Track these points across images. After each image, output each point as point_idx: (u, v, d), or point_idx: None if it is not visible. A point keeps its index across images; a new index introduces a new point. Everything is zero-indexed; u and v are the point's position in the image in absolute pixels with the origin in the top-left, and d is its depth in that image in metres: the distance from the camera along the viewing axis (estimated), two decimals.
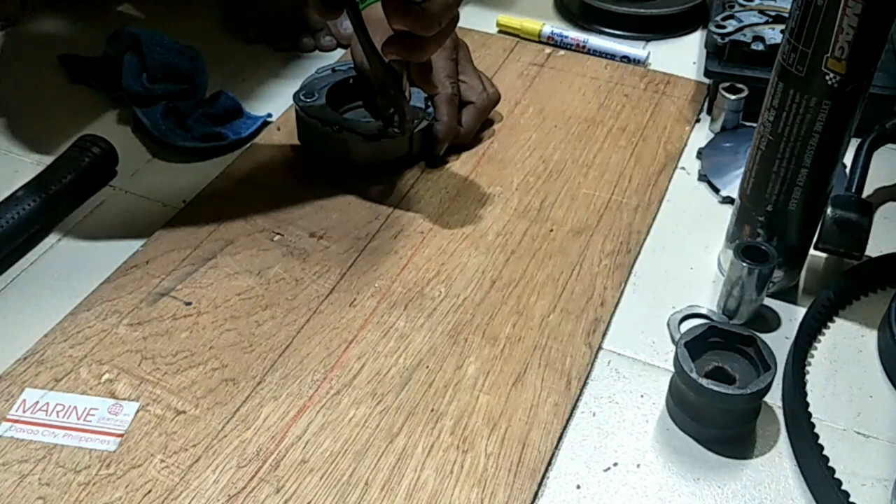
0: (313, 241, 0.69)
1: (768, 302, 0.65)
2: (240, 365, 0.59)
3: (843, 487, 0.52)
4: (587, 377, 0.60)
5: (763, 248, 0.61)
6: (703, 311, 0.64)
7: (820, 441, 0.54)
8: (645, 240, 0.70)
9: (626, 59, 0.91)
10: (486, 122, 0.80)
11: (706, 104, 0.84)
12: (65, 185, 0.71)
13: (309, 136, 0.76)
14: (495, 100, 0.79)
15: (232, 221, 0.71)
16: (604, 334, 0.63)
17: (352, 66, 0.79)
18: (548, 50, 0.92)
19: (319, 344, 0.61)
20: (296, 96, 0.76)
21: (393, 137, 0.73)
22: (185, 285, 0.65)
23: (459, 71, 0.77)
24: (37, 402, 0.57)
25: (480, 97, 0.77)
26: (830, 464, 0.53)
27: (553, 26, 0.94)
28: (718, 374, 0.56)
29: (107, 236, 0.70)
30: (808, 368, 0.61)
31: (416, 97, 0.77)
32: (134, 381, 0.58)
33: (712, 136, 0.81)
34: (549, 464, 0.55)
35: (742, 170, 0.64)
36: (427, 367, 0.60)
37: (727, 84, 0.80)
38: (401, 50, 0.65)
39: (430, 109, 0.76)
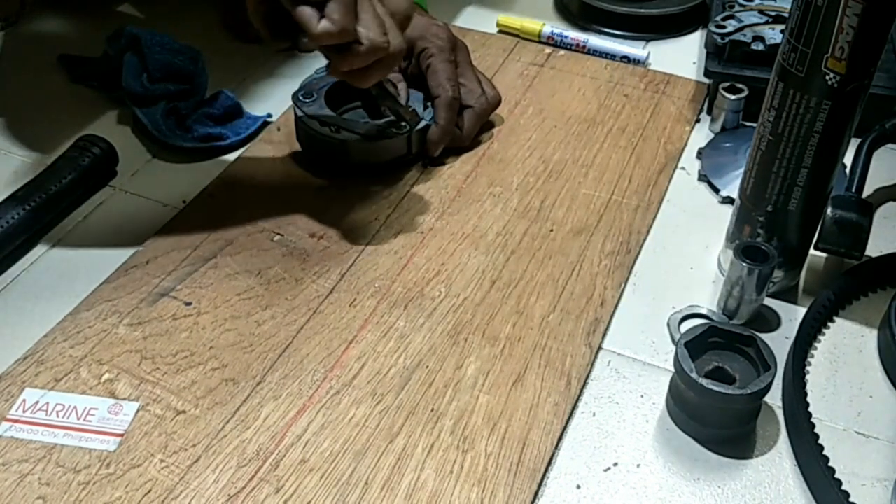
0: (313, 241, 0.69)
1: (768, 302, 0.65)
2: (240, 365, 0.59)
3: (843, 487, 0.52)
4: (587, 377, 0.60)
5: (763, 248, 0.61)
6: (703, 311, 0.64)
7: (820, 441, 0.54)
8: (645, 240, 0.70)
9: (626, 59, 0.91)
10: (485, 123, 0.80)
11: (706, 104, 0.84)
12: (65, 185, 0.71)
13: (308, 138, 0.76)
14: (495, 104, 0.79)
15: (232, 221, 0.71)
16: (604, 334, 0.63)
17: None
18: (548, 50, 0.92)
19: (319, 344, 0.61)
20: (294, 97, 0.76)
21: (392, 138, 0.73)
22: (185, 285, 0.65)
23: (459, 74, 0.77)
24: (37, 402, 0.57)
25: (479, 101, 0.77)
26: (830, 464, 0.53)
27: (553, 26, 0.94)
28: (718, 374, 0.56)
29: (107, 236, 0.70)
30: (808, 368, 0.61)
31: (416, 98, 0.77)
32: (134, 381, 0.58)
33: (712, 136, 0.81)
34: (549, 464, 0.55)
35: (742, 170, 0.64)
36: (427, 367, 0.60)
37: (727, 84, 0.80)
38: (347, 77, 0.64)
39: (430, 111, 0.76)
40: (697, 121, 0.83)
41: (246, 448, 0.54)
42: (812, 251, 0.65)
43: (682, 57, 0.92)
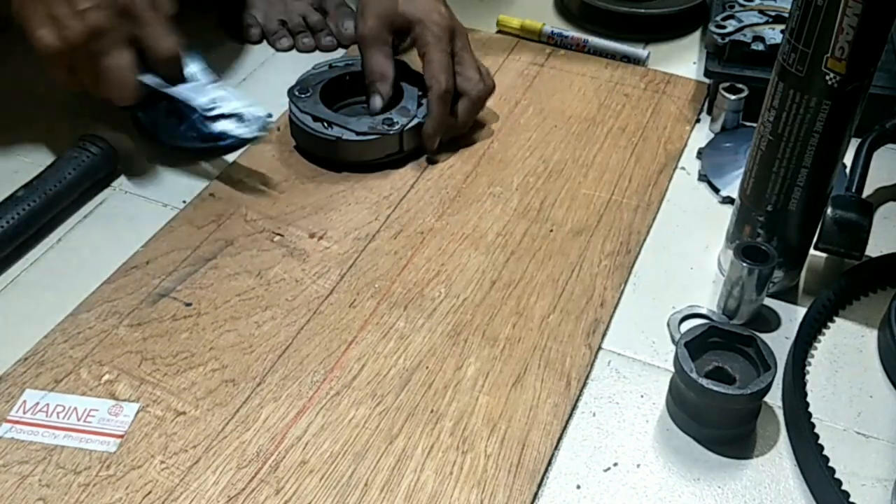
0: (313, 241, 0.69)
1: (768, 302, 0.65)
2: (240, 366, 0.59)
3: (843, 487, 0.52)
4: (587, 377, 0.60)
5: (763, 248, 0.60)
6: (703, 311, 0.64)
7: (820, 441, 0.54)
8: (645, 240, 0.70)
9: (626, 58, 0.91)
10: (485, 122, 0.80)
11: (706, 104, 0.84)
12: (65, 184, 0.71)
13: (300, 134, 0.76)
14: (490, 91, 0.79)
15: (232, 222, 0.71)
16: (604, 334, 0.63)
17: (349, 62, 0.80)
18: (548, 49, 0.92)
19: (319, 345, 0.61)
20: (290, 92, 0.76)
21: (383, 135, 0.74)
22: (185, 286, 0.65)
23: (457, 62, 0.76)
24: (37, 404, 0.57)
25: (476, 87, 0.77)
26: (830, 464, 0.53)
27: (553, 26, 0.93)
28: (718, 374, 0.56)
29: (107, 236, 0.70)
30: (808, 368, 0.61)
31: (410, 95, 0.77)
32: (134, 382, 0.58)
33: (712, 136, 0.81)
34: (549, 464, 0.55)
35: (742, 170, 0.64)
36: (427, 367, 0.60)
37: (727, 84, 0.80)
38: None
39: (423, 108, 0.76)
40: (697, 121, 0.83)
41: (246, 449, 0.54)
42: (812, 251, 0.65)
43: (682, 57, 0.92)
